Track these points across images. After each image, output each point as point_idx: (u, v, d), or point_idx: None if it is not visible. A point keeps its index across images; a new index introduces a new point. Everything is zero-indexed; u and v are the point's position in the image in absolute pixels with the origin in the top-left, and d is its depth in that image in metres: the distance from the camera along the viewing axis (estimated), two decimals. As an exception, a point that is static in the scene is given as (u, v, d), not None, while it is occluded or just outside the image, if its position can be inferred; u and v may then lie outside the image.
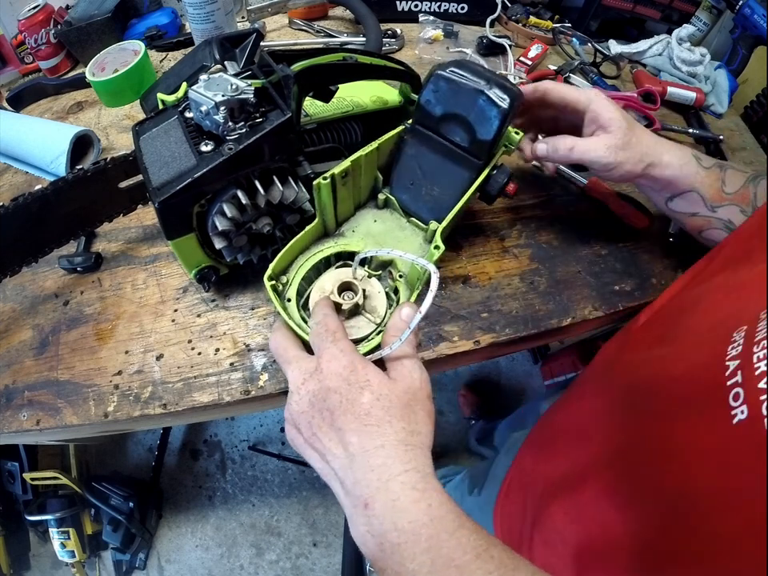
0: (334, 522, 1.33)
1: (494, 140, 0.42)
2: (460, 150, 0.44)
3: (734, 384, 0.27)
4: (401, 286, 0.41)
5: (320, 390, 0.32)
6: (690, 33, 0.82)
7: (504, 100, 0.40)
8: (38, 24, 0.76)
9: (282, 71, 0.42)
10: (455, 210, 0.42)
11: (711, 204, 0.47)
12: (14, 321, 0.53)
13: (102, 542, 1.25)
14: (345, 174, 0.41)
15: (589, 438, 0.43)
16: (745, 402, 0.26)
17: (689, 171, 0.46)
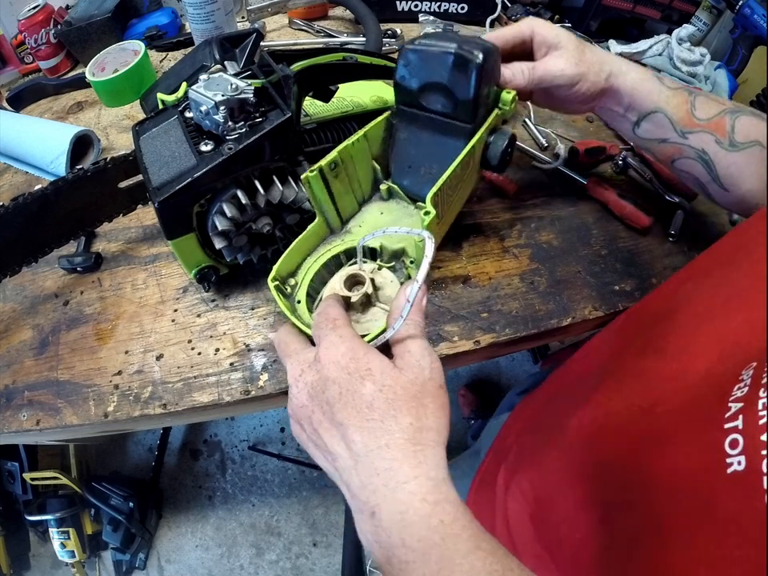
0: (334, 521, 1.33)
1: (475, 98, 0.40)
2: (447, 118, 0.42)
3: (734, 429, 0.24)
4: (413, 272, 0.39)
5: (318, 381, 0.30)
6: (690, 33, 0.82)
7: (476, 55, 0.39)
8: (38, 24, 0.76)
9: (281, 71, 0.42)
10: (447, 174, 0.39)
11: (681, 129, 0.46)
12: (13, 321, 0.53)
13: (102, 541, 1.25)
14: (334, 165, 0.40)
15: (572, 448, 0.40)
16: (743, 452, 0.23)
17: (651, 87, 0.45)
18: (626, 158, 0.66)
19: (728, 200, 0.48)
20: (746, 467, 0.23)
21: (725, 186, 0.46)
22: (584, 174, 0.63)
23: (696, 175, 0.48)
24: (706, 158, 0.46)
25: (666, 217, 0.60)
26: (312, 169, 0.38)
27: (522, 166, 0.66)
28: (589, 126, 0.73)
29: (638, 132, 0.48)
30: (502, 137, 0.44)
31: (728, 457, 0.24)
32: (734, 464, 0.23)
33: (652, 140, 0.48)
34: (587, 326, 0.55)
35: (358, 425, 0.28)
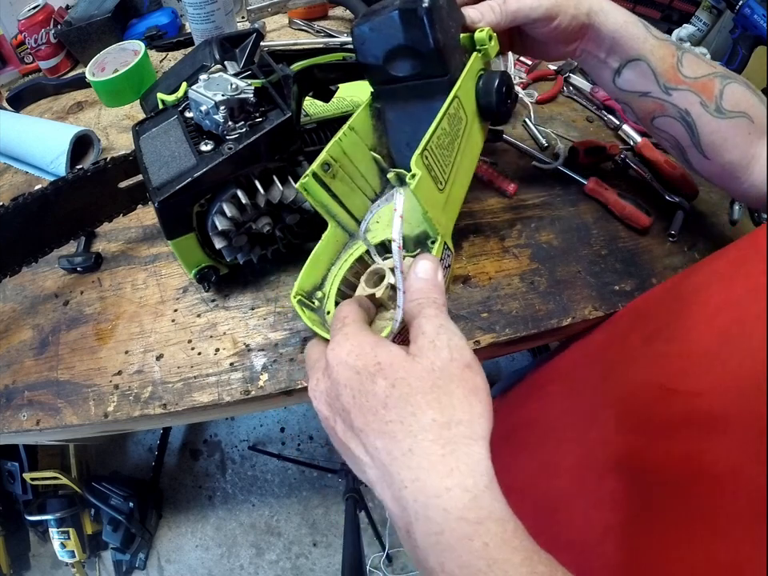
0: (334, 521, 1.33)
1: (437, 46, 0.37)
2: (422, 79, 0.39)
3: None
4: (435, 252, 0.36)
5: (331, 388, 0.27)
6: (690, 33, 0.82)
7: (420, 1, 0.36)
8: (38, 24, 0.76)
9: (281, 71, 0.42)
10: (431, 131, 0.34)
11: (665, 83, 0.43)
12: (13, 321, 0.53)
13: (102, 541, 1.25)
14: (327, 166, 0.38)
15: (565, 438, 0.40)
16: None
17: (636, 32, 0.42)
18: (626, 158, 0.66)
19: (706, 168, 0.46)
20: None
21: (705, 154, 0.44)
22: (584, 174, 0.63)
23: (676, 137, 0.45)
24: (688, 120, 0.43)
25: (666, 217, 0.60)
26: (305, 175, 0.36)
27: (522, 166, 0.66)
28: (589, 126, 0.73)
29: (618, 82, 0.45)
30: (491, 77, 0.40)
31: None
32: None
33: (632, 92, 0.45)
34: (587, 326, 0.55)
35: (377, 429, 0.25)
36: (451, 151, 0.37)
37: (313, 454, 1.41)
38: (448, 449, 0.23)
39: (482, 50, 0.41)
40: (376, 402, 0.25)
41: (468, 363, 0.26)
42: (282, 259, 0.53)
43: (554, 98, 0.76)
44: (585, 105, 0.75)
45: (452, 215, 0.37)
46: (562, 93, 0.77)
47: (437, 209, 0.33)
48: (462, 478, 0.23)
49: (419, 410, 0.24)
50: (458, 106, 0.37)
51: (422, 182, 0.31)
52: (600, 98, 0.74)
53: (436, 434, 0.23)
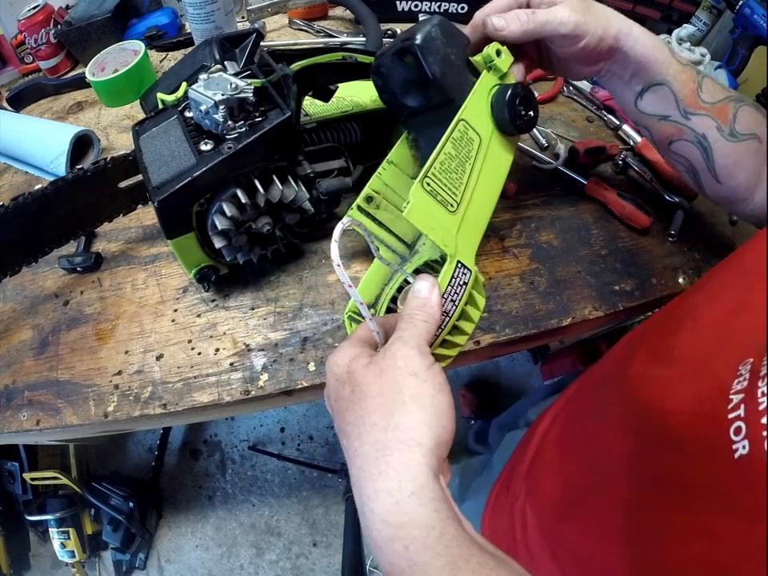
0: (334, 521, 1.33)
1: (435, 77, 0.38)
2: (433, 108, 0.41)
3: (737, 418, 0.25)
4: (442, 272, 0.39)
5: (327, 395, 0.30)
6: (690, 33, 0.82)
7: (413, 38, 0.38)
8: (38, 24, 0.76)
9: (281, 70, 0.42)
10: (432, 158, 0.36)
11: (685, 108, 0.43)
12: (13, 321, 0.53)
13: (102, 541, 1.26)
14: (369, 198, 0.42)
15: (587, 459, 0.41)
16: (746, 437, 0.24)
17: (661, 56, 0.42)
18: (626, 157, 0.66)
19: (717, 192, 0.46)
20: (749, 450, 0.24)
21: (719, 178, 0.45)
22: (584, 174, 0.63)
23: (692, 161, 0.46)
24: (705, 144, 0.44)
25: (666, 217, 0.60)
26: (351, 207, 0.41)
27: (522, 166, 0.66)
28: (589, 126, 0.73)
29: (640, 104, 0.45)
30: (502, 92, 0.40)
31: (734, 443, 0.25)
32: (740, 449, 0.24)
33: (653, 115, 0.45)
34: (587, 326, 0.55)
35: (342, 429, 0.27)
36: (462, 174, 0.37)
37: (313, 454, 1.41)
38: (380, 452, 0.24)
39: (492, 65, 0.41)
40: (343, 405, 0.27)
41: (413, 372, 0.26)
42: (282, 259, 0.53)
43: (554, 98, 0.76)
44: (585, 105, 0.75)
45: (474, 234, 0.39)
46: (562, 93, 0.77)
47: (448, 232, 0.35)
48: (388, 483, 0.24)
49: (366, 413, 0.26)
50: (465, 128, 0.38)
51: (418, 207, 0.33)
52: (600, 98, 0.74)
53: (374, 438, 0.25)
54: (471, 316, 0.35)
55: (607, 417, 0.40)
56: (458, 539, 0.23)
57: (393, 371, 0.26)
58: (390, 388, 0.26)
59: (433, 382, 0.27)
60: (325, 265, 0.54)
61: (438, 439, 0.25)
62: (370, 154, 0.59)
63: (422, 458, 0.24)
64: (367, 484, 0.24)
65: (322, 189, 0.49)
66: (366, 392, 0.26)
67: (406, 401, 0.26)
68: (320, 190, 0.49)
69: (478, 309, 0.36)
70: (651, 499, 0.32)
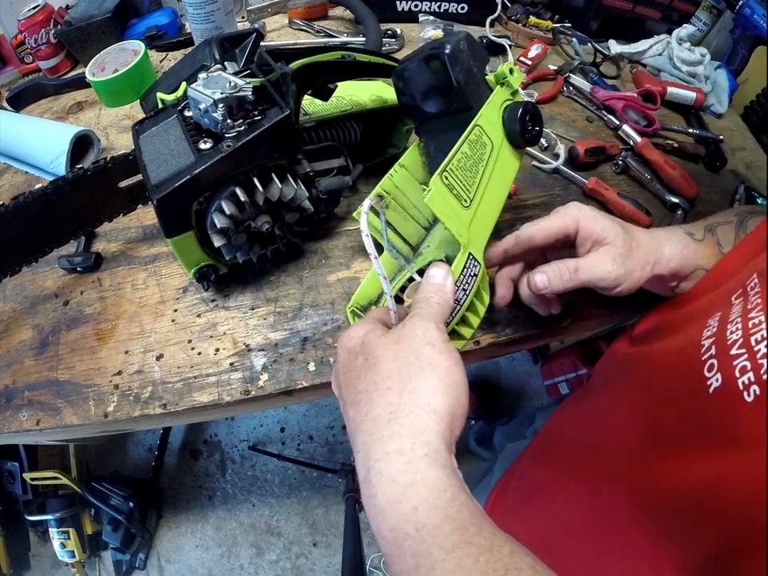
0: (333, 521, 1.33)
1: (460, 86, 0.41)
2: (451, 114, 0.44)
3: (709, 357, 0.28)
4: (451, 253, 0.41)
5: (335, 371, 0.31)
6: (690, 33, 0.82)
7: (444, 47, 0.41)
8: (38, 24, 0.76)
9: (280, 69, 0.42)
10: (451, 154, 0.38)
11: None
12: (13, 321, 0.52)
13: (102, 541, 1.25)
14: (380, 198, 0.43)
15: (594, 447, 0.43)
16: (718, 370, 0.27)
17: (689, 253, 0.42)
18: (626, 157, 0.66)
19: None
20: (722, 381, 0.27)
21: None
22: (584, 173, 0.63)
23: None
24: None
25: (665, 217, 0.60)
26: (362, 205, 0.42)
27: (522, 166, 0.65)
28: (589, 126, 0.73)
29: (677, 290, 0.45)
30: (514, 108, 0.43)
31: (707, 380, 0.28)
32: (713, 383, 0.27)
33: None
34: (587, 326, 0.55)
35: (352, 400, 0.27)
36: (475, 173, 0.40)
37: (313, 454, 1.41)
38: (394, 414, 0.24)
39: (504, 82, 0.45)
40: (354, 375, 0.27)
41: (431, 341, 0.27)
42: (282, 259, 0.53)
43: (554, 98, 0.76)
44: (585, 105, 0.75)
45: (483, 230, 0.41)
46: (562, 93, 0.77)
47: (462, 223, 0.37)
48: (401, 442, 0.23)
49: (380, 378, 0.26)
50: (480, 133, 0.41)
51: (437, 196, 0.35)
52: (600, 98, 0.74)
53: (388, 401, 0.25)
54: (478, 310, 0.38)
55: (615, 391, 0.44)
56: (469, 506, 0.22)
57: (411, 339, 0.27)
58: (406, 354, 0.26)
59: (449, 355, 0.27)
60: (325, 265, 0.54)
61: (453, 410, 0.25)
62: (369, 153, 0.59)
63: (437, 425, 0.24)
64: (376, 447, 0.24)
65: (322, 187, 0.49)
66: (381, 357, 0.26)
67: (423, 367, 0.25)
68: (319, 188, 0.49)
69: (484, 304, 0.38)
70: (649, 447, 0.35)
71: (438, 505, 0.22)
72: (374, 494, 0.23)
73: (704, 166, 0.70)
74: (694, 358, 0.30)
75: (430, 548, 0.21)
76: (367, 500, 0.23)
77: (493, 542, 0.21)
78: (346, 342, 0.30)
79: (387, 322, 0.32)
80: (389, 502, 0.22)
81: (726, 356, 0.27)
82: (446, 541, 0.21)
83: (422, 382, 0.25)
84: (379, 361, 0.26)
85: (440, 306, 0.30)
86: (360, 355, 0.28)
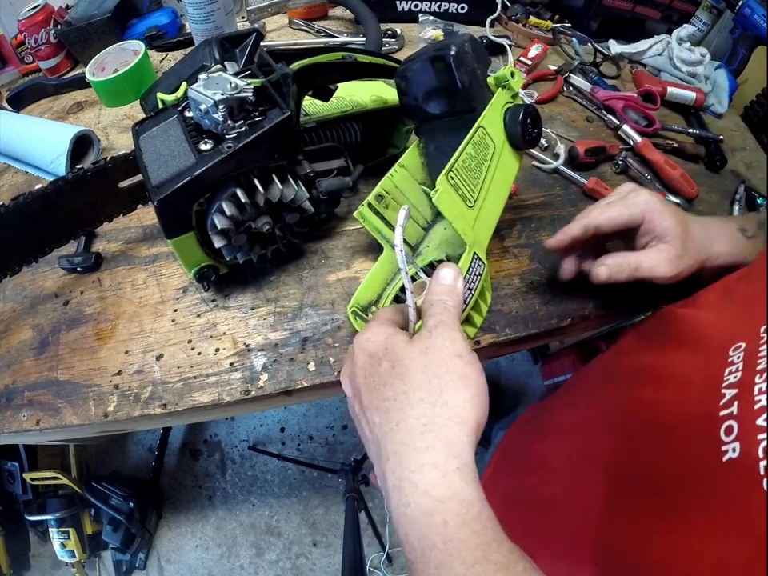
0: (334, 522, 1.33)
1: (464, 87, 0.42)
2: (453, 116, 0.44)
3: (729, 416, 0.24)
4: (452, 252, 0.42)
5: (352, 373, 0.30)
6: (690, 33, 0.82)
7: (449, 49, 0.41)
8: (38, 24, 0.76)
9: (280, 69, 0.42)
10: (456, 155, 0.39)
11: None
12: (13, 321, 0.52)
13: (102, 541, 1.25)
14: (380, 198, 0.45)
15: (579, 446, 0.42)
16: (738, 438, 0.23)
17: (738, 252, 0.43)
18: (626, 157, 0.66)
19: None
20: (740, 453, 0.22)
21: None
22: (584, 173, 0.63)
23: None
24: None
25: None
26: (362, 204, 0.44)
27: (522, 166, 0.65)
28: (589, 126, 0.73)
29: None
30: (516, 111, 0.44)
31: (723, 444, 0.23)
32: (729, 451, 0.23)
33: None
34: (587, 326, 0.55)
35: (377, 406, 0.27)
36: (479, 174, 0.41)
37: (313, 454, 1.41)
38: (428, 427, 0.24)
39: (506, 85, 0.45)
40: (379, 381, 0.27)
41: (459, 353, 0.27)
42: (282, 259, 0.53)
43: (554, 98, 0.76)
44: (585, 105, 0.75)
45: (485, 231, 0.42)
46: (562, 93, 0.77)
47: (467, 223, 0.38)
48: (435, 456, 0.24)
49: (410, 388, 0.26)
50: (483, 134, 0.42)
51: (444, 196, 0.36)
52: (600, 98, 0.74)
53: (420, 412, 0.25)
54: (482, 309, 0.38)
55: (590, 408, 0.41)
56: (493, 521, 0.23)
57: (440, 350, 0.27)
58: (436, 365, 0.26)
59: (475, 366, 0.28)
60: (325, 265, 0.54)
61: (479, 420, 0.26)
62: (369, 154, 0.59)
63: (467, 437, 0.25)
64: (410, 457, 0.24)
65: (322, 188, 0.49)
66: (410, 367, 0.26)
67: (453, 379, 0.26)
68: (320, 189, 0.49)
69: (487, 303, 0.38)
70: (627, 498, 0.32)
71: (467, 520, 0.22)
72: (407, 503, 0.23)
73: (704, 166, 0.70)
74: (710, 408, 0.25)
75: (454, 562, 0.21)
76: (398, 508, 0.24)
77: (509, 559, 0.22)
78: (366, 346, 0.29)
79: (398, 321, 0.32)
80: (422, 513, 0.23)
81: (751, 424, 0.22)
82: (469, 556, 0.21)
83: (454, 395, 0.26)
84: (408, 370, 0.26)
85: (455, 309, 0.30)
86: (384, 361, 0.27)
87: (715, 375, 0.26)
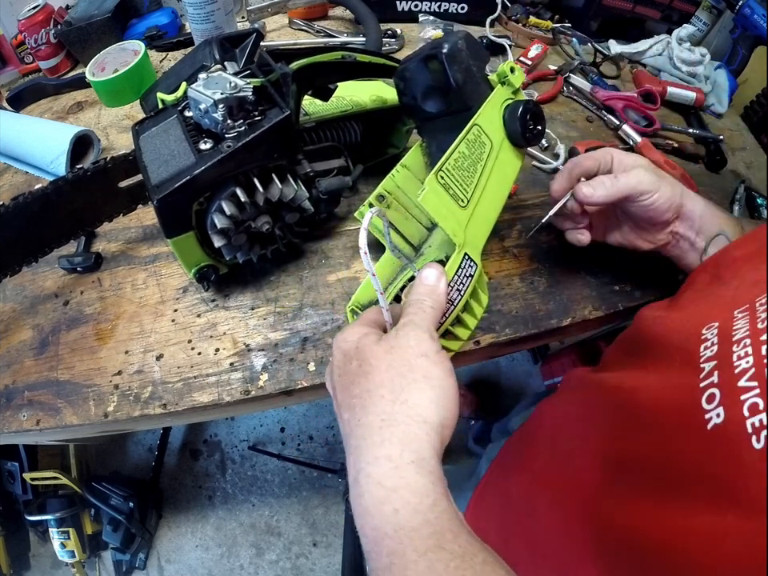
0: (333, 521, 1.33)
1: (458, 85, 0.41)
2: (450, 114, 0.44)
3: (709, 385, 0.24)
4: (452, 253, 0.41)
5: (330, 372, 0.31)
6: (690, 33, 0.82)
7: (442, 47, 0.41)
8: (38, 24, 0.76)
9: (280, 69, 0.42)
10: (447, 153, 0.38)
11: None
12: (13, 321, 0.52)
13: (102, 541, 1.25)
14: (381, 197, 0.44)
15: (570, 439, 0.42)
16: (721, 403, 0.23)
17: (714, 211, 0.45)
18: (626, 157, 0.66)
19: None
20: (725, 418, 0.23)
21: None
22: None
23: None
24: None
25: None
26: (363, 204, 0.44)
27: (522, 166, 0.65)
28: (589, 126, 0.73)
29: (704, 257, 0.46)
30: (515, 106, 0.43)
31: (706, 413, 0.24)
32: (713, 417, 0.23)
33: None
34: (587, 326, 0.55)
35: (347, 403, 0.28)
36: (473, 173, 0.40)
37: (313, 454, 1.41)
38: (386, 422, 0.25)
39: (506, 80, 0.44)
40: (348, 380, 0.28)
41: (424, 352, 0.27)
42: (282, 259, 0.53)
43: (554, 98, 0.76)
44: (585, 105, 0.75)
45: (480, 231, 0.41)
46: (562, 93, 0.77)
47: (458, 223, 0.37)
48: (390, 449, 0.24)
49: (374, 386, 0.26)
50: (478, 132, 0.41)
51: (431, 195, 0.35)
52: (600, 98, 0.74)
53: (381, 409, 0.26)
54: (474, 311, 0.37)
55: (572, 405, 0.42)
56: (449, 513, 0.23)
57: (404, 350, 0.27)
58: (399, 364, 0.27)
59: (442, 366, 0.28)
60: (325, 265, 0.54)
61: (444, 421, 0.26)
62: (369, 154, 0.59)
63: (426, 435, 0.25)
64: (367, 451, 0.25)
65: (322, 188, 0.49)
66: (375, 366, 0.27)
67: (417, 378, 0.26)
68: (320, 189, 0.49)
69: (481, 305, 0.38)
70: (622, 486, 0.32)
71: (419, 509, 0.23)
72: (361, 494, 0.24)
73: (704, 166, 0.70)
74: (690, 382, 0.26)
75: (406, 549, 0.22)
76: (354, 499, 0.24)
77: (467, 549, 0.22)
78: (342, 345, 0.30)
79: (382, 322, 0.32)
80: (373, 503, 0.23)
81: (733, 388, 0.23)
82: (421, 544, 0.22)
83: (416, 394, 0.26)
84: (373, 369, 0.27)
85: (433, 310, 0.30)
86: (354, 360, 0.28)
87: (692, 352, 0.27)
